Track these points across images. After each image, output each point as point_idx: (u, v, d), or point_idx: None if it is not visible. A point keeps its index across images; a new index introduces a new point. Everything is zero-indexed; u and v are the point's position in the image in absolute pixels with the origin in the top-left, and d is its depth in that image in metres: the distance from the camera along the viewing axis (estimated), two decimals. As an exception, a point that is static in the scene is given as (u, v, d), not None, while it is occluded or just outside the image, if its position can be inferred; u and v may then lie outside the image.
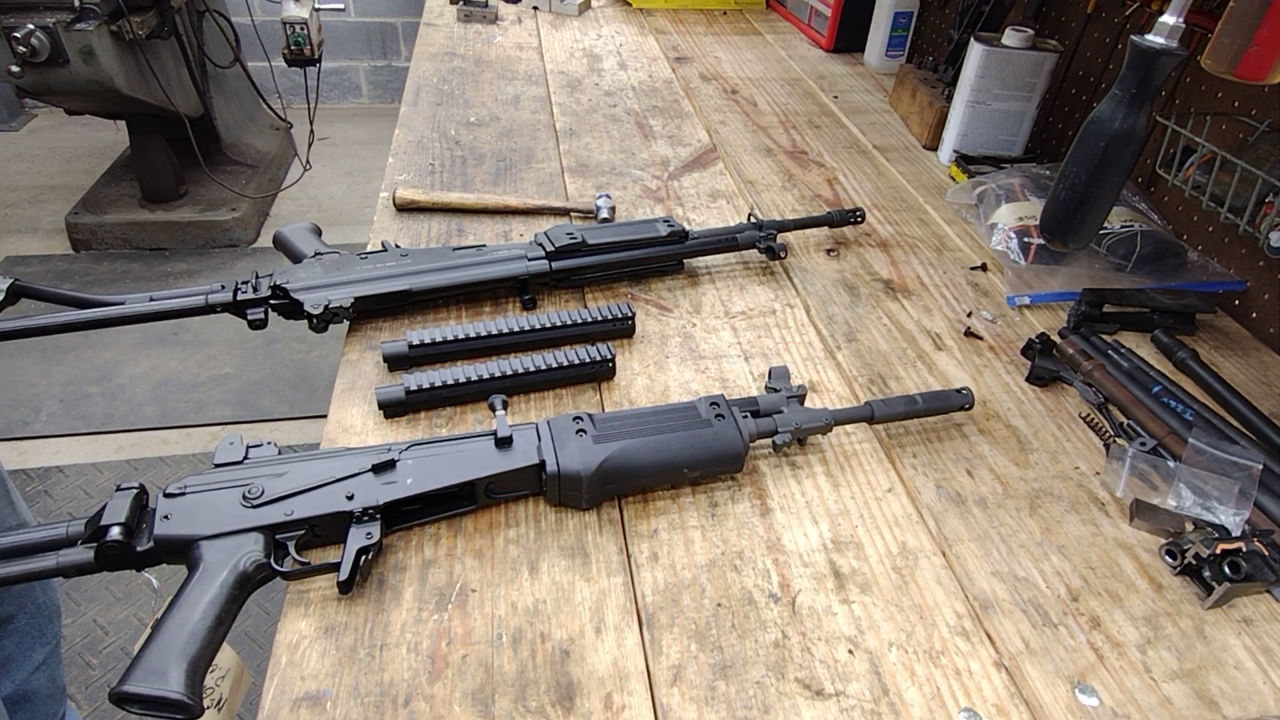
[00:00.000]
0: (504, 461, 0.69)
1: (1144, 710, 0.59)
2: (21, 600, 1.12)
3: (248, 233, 2.89)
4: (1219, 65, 0.69)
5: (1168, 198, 1.16)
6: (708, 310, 1.00)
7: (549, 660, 0.60)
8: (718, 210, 1.22)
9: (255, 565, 0.61)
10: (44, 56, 2.11)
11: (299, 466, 0.67)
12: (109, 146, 3.25)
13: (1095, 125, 0.77)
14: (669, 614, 0.64)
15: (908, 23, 1.77)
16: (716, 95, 1.64)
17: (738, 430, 0.74)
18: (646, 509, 0.73)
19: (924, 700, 0.59)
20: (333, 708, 0.55)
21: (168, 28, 2.45)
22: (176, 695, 0.53)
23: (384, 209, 1.15)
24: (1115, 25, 1.24)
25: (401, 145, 1.32)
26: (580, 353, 0.84)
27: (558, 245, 0.96)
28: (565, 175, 1.28)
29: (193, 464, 1.98)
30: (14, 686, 1.12)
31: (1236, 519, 0.71)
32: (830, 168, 1.38)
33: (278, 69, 2.77)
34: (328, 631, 0.60)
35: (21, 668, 1.12)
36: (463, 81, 1.59)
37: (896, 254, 1.15)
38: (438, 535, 0.69)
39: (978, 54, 1.30)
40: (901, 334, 0.98)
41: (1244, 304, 1.04)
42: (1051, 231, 0.86)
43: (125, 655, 1.58)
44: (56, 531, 0.62)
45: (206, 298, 0.87)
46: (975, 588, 0.68)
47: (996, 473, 0.79)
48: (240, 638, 1.63)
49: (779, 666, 0.60)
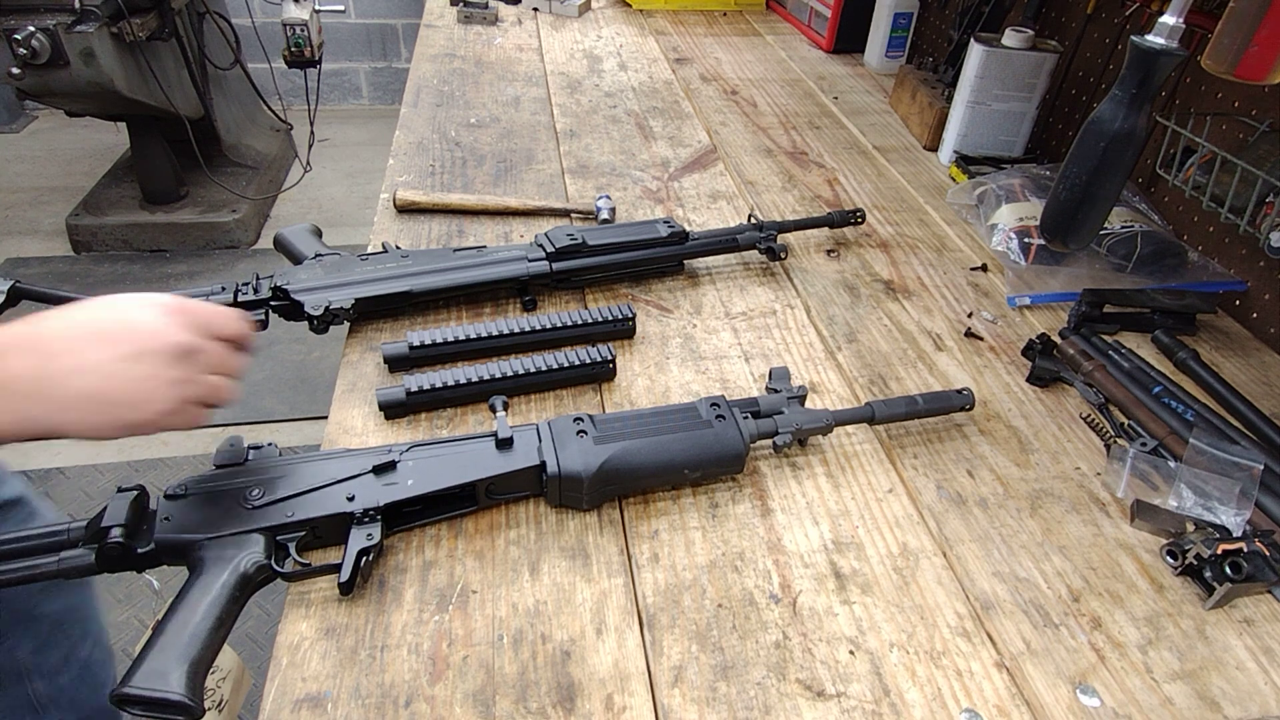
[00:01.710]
0: (505, 463, 0.69)
1: (1145, 711, 0.59)
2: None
3: (248, 234, 2.89)
4: (1219, 65, 0.69)
5: (1168, 198, 1.16)
6: (708, 311, 1.00)
7: (550, 661, 0.60)
8: (718, 211, 1.22)
9: (256, 567, 0.61)
10: (44, 58, 2.11)
11: (300, 468, 0.67)
12: (109, 148, 3.25)
13: (1095, 126, 0.77)
14: (670, 615, 0.64)
15: (908, 23, 1.77)
16: (717, 96, 1.65)
17: (738, 431, 0.74)
18: (647, 510, 0.73)
19: (925, 701, 0.59)
20: (334, 709, 0.55)
21: (168, 29, 2.45)
22: (177, 696, 0.53)
23: (384, 210, 1.15)
24: (1115, 26, 1.24)
25: (402, 147, 1.32)
26: (581, 354, 0.84)
27: (558, 246, 0.96)
28: (565, 176, 1.29)
29: (193, 465, 1.98)
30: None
31: (1238, 519, 0.71)
32: (830, 168, 1.38)
33: (278, 70, 2.78)
34: (329, 633, 0.60)
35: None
36: (463, 83, 1.59)
37: (897, 255, 1.15)
38: (438, 536, 0.69)
39: (978, 55, 1.30)
40: (902, 335, 0.98)
41: (1245, 304, 1.04)
42: (1052, 232, 0.86)
43: (126, 656, 1.58)
44: (57, 534, 0.62)
45: (207, 299, 0.87)
46: (976, 588, 0.67)
47: (997, 473, 0.79)
48: (241, 639, 1.62)
49: (780, 667, 0.60)
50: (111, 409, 0.54)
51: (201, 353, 0.58)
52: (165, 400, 0.56)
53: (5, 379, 0.51)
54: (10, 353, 0.52)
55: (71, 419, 0.53)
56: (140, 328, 0.56)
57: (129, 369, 0.54)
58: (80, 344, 0.54)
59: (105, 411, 0.54)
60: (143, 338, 0.55)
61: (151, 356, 0.55)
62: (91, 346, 0.54)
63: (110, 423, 0.55)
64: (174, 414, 0.57)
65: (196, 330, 0.59)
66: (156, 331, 0.56)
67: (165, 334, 0.56)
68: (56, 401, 0.53)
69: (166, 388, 0.56)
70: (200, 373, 0.59)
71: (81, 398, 0.53)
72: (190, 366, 0.57)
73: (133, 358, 0.54)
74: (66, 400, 0.53)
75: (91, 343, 0.54)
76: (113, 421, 0.55)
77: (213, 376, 0.60)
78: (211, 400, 0.60)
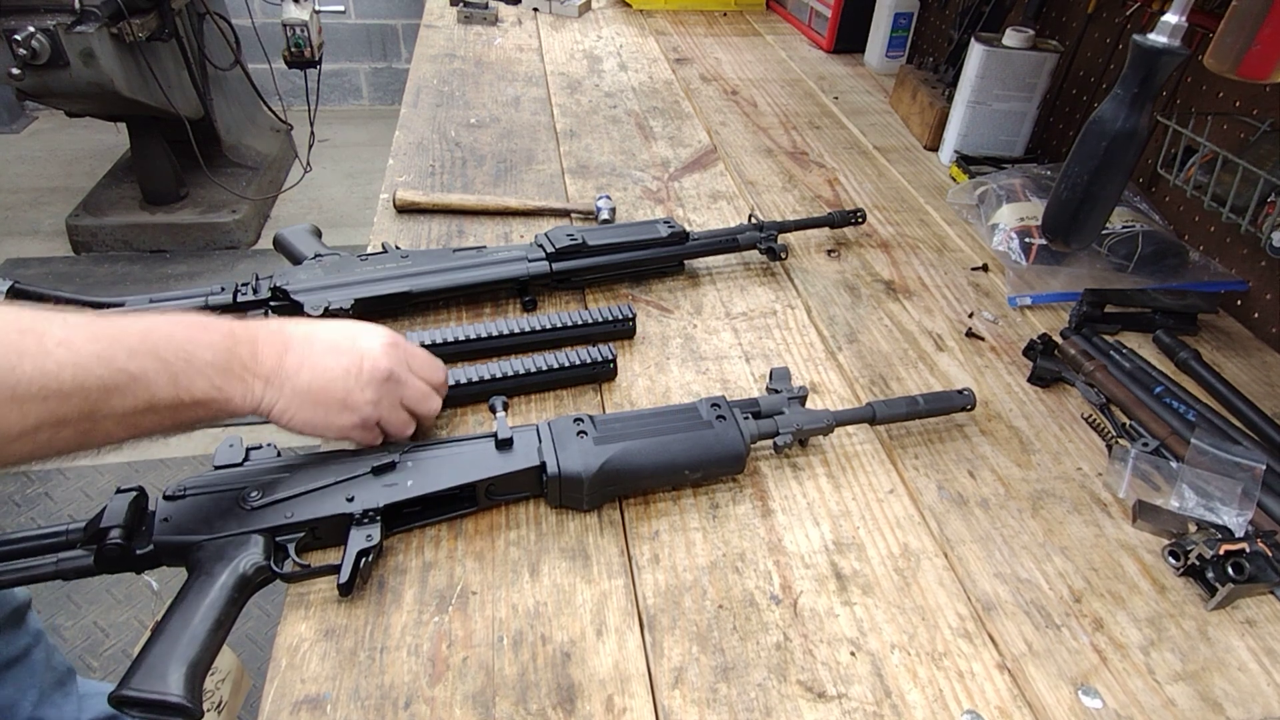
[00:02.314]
0: (504, 463, 0.69)
1: (1147, 712, 0.59)
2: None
3: (248, 235, 2.89)
4: (1222, 65, 0.68)
5: (1169, 198, 1.16)
6: (708, 311, 0.99)
7: (550, 663, 0.59)
8: (718, 211, 1.22)
9: (255, 568, 0.61)
10: (44, 59, 2.10)
11: (299, 469, 0.67)
12: (109, 149, 3.25)
13: (1097, 125, 0.77)
14: (670, 616, 0.63)
15: (908, 23, 1.77)
16: (717, 96, 1.64)
17: (739, 431, 0.73)
18: (647, 511, 0.73)
19: (926, 702, 0.59)
20: (333, 711, 0.55)
21: (168, 30, 2.45)
22: (176, 698, 0.53)
23: (384, 210, 1.15)
24: (1116, 25, 1.24)
25: (402, 147, 1.32)
26: (581, 354, 0.84)
27: (558, 246, 0.96)
28: (565, 176, 1.28)
29: (192, 466, 1.97)
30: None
31: (1240, 520, 0.70)
32: (831, 168, 1.38)
33: (278, 71, 2.77)
34: (328, 634, 0.60)
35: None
36: (463, 83, 1.59)
37: (897, 255, 1.14)
38: (438, 537, 0.68)
39: (978, 54, 1.29)
40: (903, 335, 0.98)
41: (1246, 304, 1.04)
42: (1053, 231, 0.85)
43: (125, 657, 1.58)
44: (56, 535, 0.62)
45: (206, 299, 0.87)
46: (977, 589, 0.67)
47: (998, 474, 0.79)
48: (240, 640, 1.62)
49: (781, 669, 0.60)
50: (319, 408, 0.63)
51: (403, 386, 0.68)
52: (360, 414, 0.65)
53: (253, 363, 0.61)
54: (263, 343, 0.62)
55: (287, 407, 0.62)
56: (363, 349, 0.66)
57: (344, 380, 0.64)
58: (315, 349, 0.64)
59: (314, 409, 0.63)
60: (363, 358, 0.65)
61: (364, 376, 0.65)
62: (322, 354, 0.64)
63: (313, 420, 0.64)
64: (361, 429, 0.66)
65: (405, 366, 0.68)
66: (374, 356, 0.66)
67: (380, 360, 0.66)
68: (283, 390, 0.62)
69: (365, 405, 0.65)
70: (394, 403, 0.68)
71: (300, 392, 0.63)
72: (389, 394, 0.67)
73: (350, 372, 0.64)
74: (290, 391, 0.62)
75: (323, 351, 0.64)
76: (316, 420, 0.64)
77: (402, 412, 0.69)
78: (393, 430, 0.69)
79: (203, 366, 0.58)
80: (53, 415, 0.51)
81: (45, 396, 0.50)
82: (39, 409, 0.50)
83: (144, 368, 0.55)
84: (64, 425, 0.51)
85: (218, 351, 0.59)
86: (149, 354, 0.55)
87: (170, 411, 0.57)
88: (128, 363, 0.54)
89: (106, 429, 0.54)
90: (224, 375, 0.59)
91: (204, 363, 0.58)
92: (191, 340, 0.58)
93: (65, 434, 0.52)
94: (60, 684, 1.17)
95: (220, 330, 0.60)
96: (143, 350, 0.55)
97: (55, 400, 0.50)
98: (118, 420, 0.54)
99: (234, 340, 0.61)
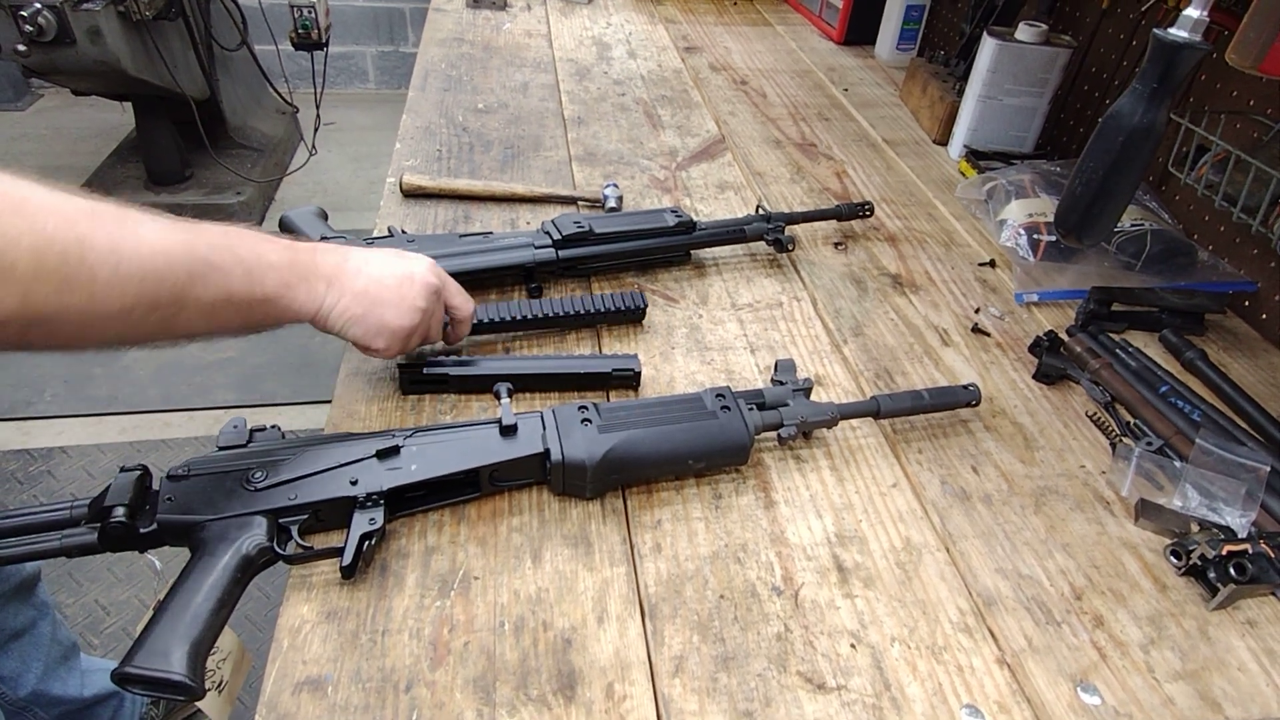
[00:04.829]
0: (508, 449, 0.69)
1: (1146, 710, 0.59)
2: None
3: (253, 216, 2.88)
4: (1244, 60, 0.68)
5: (1179, 196, 1.15)
6: (714, 302, 0.99)
7: (551, 649, 0.59)
8: (725, 201, 1.22)
9: (258, 549, 0.61)
10: (51, 36, 2.09)
11: (303, 451, 0.67)
12: (115, 128, 3.24)
13: (1114, 120, 0.77)
14: (671, 605, 0.64)
15: (919, 16, 1.76)
16: (726, 86, 1.63)
17: (743, 422, 0.73)
18: (650, 499, 0.73)
19: (926, 696, 0.59)
20: (334, 692, 0.55)
21: (175, 9, 2.44)
22: (179, 676, 0.53)
23: (390, 195, 1.14)
24: (1131, 21, 1.23)
25: (409, 131, 1.32)
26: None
27: (565, 234, 0.96)
28: (573, 164, 1.28)
29: (196, 447, 1.98)
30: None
31: (1243, 521, 0.70)
32: (839, 161, 1.37)
33: (285, 53, 2.76)
34: (330, 616, 0.60)
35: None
36: (471, 68, 1.58)
37: (905, 249, 1.14)
38: (441, 522, 0.68)
39: (990, 48, 1.29)
40: (909, 329, 0.98)
41: (1254, 305, 1.04)
42: (1067, 227, 0.85)
43: (127, 636, 1.59)
44: (60, 512, 0.62)
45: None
46: (979, 584, 0.67)
47: (1002, 470, 0.79)
48: (242, 621, 1.63)
49: (781, 659, 0.60)
50: (377, 306, 0.70)
51: (448, 294, 0.78)
52: (411, 315, 0.72)
53: (316, 267, 0.68)
54: (323, 252, 0.70)
55: (349, 306, 0.69)
56: (412, 266, 0.74)
57: (397, 285, 0.72)
58: (371, 261, 0.72)
59: (371, 308, 0.70)
60: (412, 270, 0.74)
61: (414, 283, 0.73)
62: (378, 265, 0.72)
63: (368, 316, 0.70)
64: (410, 332, 0.73)
65: (445, 288, 0.77)
66: (422, 272, 0.74)
67: (426, 275, 0.74)
68: (344, 291, 0.69)
69: (413, 310, 0.72)
70: (438, 317, 0.77)
71: (358, 291, 0.69)
72: (431, 306, 0.74)
73: (403, 280, 0.72)
74: (350, 293, 0.69)
75: (378, 264, 0.72)
76: (371, 317, 0.70)
77: (440, 327, 0.79)
78: (430, 335, 0.77)
79: (273, 264, 0.64)
80: (147, 296, 0.55)
81: (142, 277, 0.54)
82: (136, 289, 0.54)
83: (223, 260, 0.60)
84: (155, 308, 0.56)
85: (283, 254, 0.66)
86: (226, 249, 0.61)
87: (244, 307, 0.63)
88: (209, 253, 0.59)
89: (188, 317, 0.59)
90: (292, 273, 0.66)
91: (272, 263, 0.64)
92: (261, 242, 0.65)
93: (154, 318, 0.56)
94: (65, 659, 1.18)
95: (283, 242, 0.68)
96: (222, 245, 0.61)
97: (151, 281, 0.55)
98: (199, 309, 0.59)
99: (295, 251, 0.67)
